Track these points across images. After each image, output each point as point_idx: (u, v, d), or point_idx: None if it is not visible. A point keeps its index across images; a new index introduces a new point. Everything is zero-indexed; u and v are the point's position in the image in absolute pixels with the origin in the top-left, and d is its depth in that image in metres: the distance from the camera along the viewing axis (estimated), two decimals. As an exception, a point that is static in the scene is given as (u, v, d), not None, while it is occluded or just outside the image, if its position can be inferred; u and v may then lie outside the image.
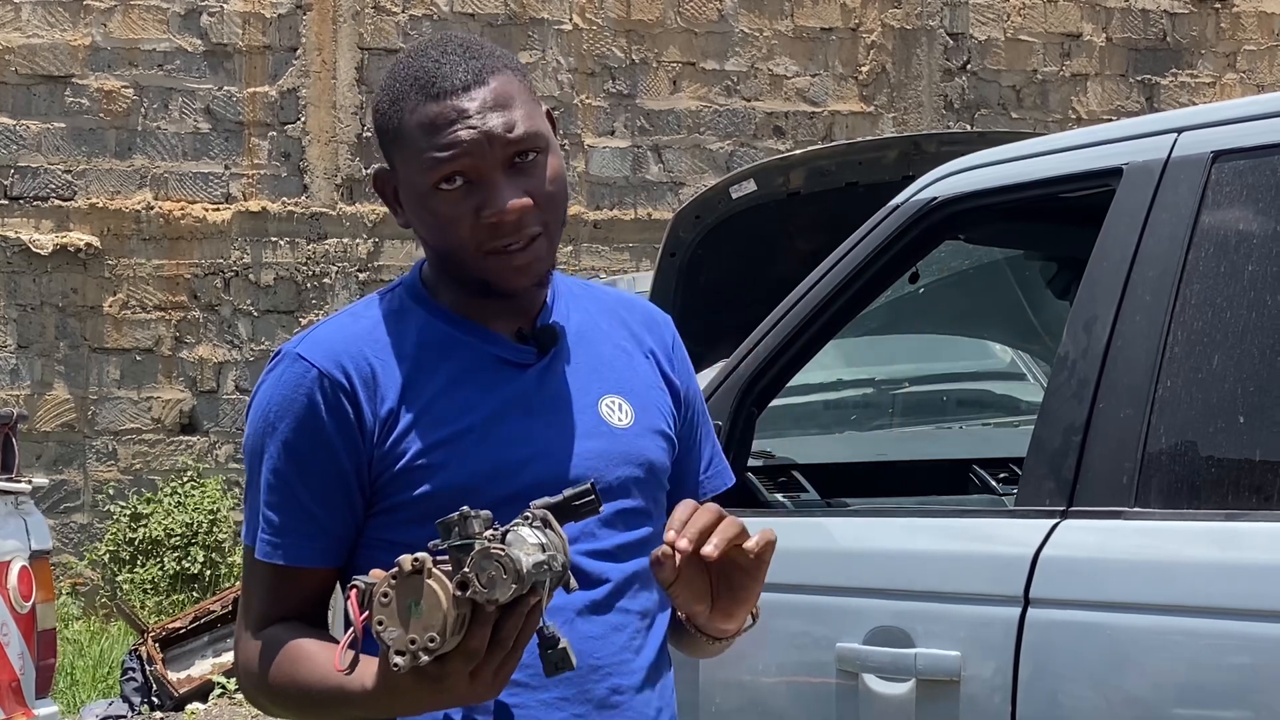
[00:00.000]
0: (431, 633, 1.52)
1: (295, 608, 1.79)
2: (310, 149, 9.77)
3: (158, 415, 9.55)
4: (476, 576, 1.51)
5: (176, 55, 9.62)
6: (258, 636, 1.78)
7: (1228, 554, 2.33)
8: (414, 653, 1.52)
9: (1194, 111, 2.66)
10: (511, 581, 1.52)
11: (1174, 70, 11.18)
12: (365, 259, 9.79)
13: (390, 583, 1.53)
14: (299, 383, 1.76)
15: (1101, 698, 2.40)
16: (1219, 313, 2.44)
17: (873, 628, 2.67)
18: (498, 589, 1.52)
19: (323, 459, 1.75)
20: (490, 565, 1.52)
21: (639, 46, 10.27)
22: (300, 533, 1.77)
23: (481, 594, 1.52)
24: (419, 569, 1.52)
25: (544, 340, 1.82)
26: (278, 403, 1.77)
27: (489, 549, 1.52)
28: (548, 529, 1.58)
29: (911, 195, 3.02)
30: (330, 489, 1.76)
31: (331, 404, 1.75)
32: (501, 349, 1.81)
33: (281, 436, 1.76)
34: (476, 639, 1.55)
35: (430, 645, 1.52)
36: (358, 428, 1.75)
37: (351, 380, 1.75)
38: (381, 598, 1.53)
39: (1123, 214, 2.61)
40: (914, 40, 10.72)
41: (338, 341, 1.78)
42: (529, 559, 1.53)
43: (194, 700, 7.65)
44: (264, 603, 1.79)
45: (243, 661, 1.81)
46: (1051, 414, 2.62)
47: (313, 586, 1.80)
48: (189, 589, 9.07)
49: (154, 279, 9.54)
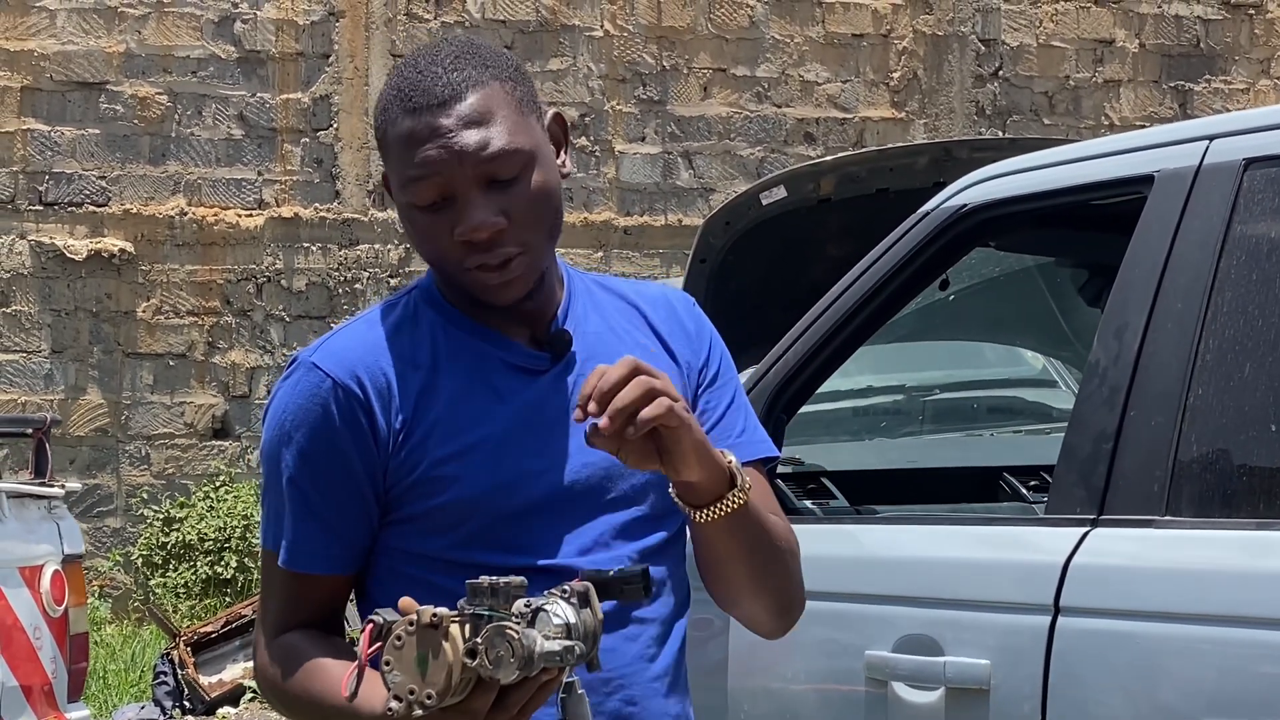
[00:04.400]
0: (431, 690, 1.52)
1: (311, 614, 1.80)
2: (342, 155, 9.81)
3: (190, 420, 9.59)
4: (485, 651, 1.51)
5: (210, 62, 9.67)
6: (275, 643, 1.79)
7: (1259, 563, 2.32)
8: (410, 703, 1.53)
9: (1226, 119, 2.65)
10: (517, 666, 1.51)
11: (1207, 76, 11.13)
12: (396, 264, 9.82)
13: (407, 629, 1.53)
14: (314, 393, 1.75)
15: (1132, 707, 2.40)
16: (1251, 320, 2.43)
17: (902, 636, 2.66)
18: (502, 669, 1.51)
19: (338, 469, 1.75)
20: (501, 644, 1.51)
21: (670, 53, 10.28)
22: (316, 540, 1.77)
23: (486, 670, 1.52)
24: (436, 624, 1.52)
25: (557, 346, 1.80)
26: (294, 412, 1.76)
27: (504, 628, 1.51)
28: (584, 608, 1.57)
29: (942, 202, 3.01)
30: (345, 498, 1.76)
31: (346, 414, 1.74)
32: (515, 356, 1.79)
33: (297, 446, 1.76)
34: (479, 702, 1.54)
35: (427, 701, 1.52)
36: (372, 438, 1.74)
37: (366, 391, 1.74)
38: (395, 640, 1.53)
39: (1154, 221, 2.60)
40: (945, 46, 10.70)
41: (353, 351, 1.77)
42: (545, 645, 1.52)
43: (225, 704, 7.67)
44: (281, 608, 1.80)
45: (260, 665, 1.81)
46: (1082, 422, 2.61)
47: (328, 593, 1.80)
48: (221, 593, 9.11)
49: (187, 284, 9.59)
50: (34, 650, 4.91)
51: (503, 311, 1.78)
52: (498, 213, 1.71)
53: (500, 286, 1.74)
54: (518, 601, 1.53)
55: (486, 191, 1.71)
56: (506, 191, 1.72)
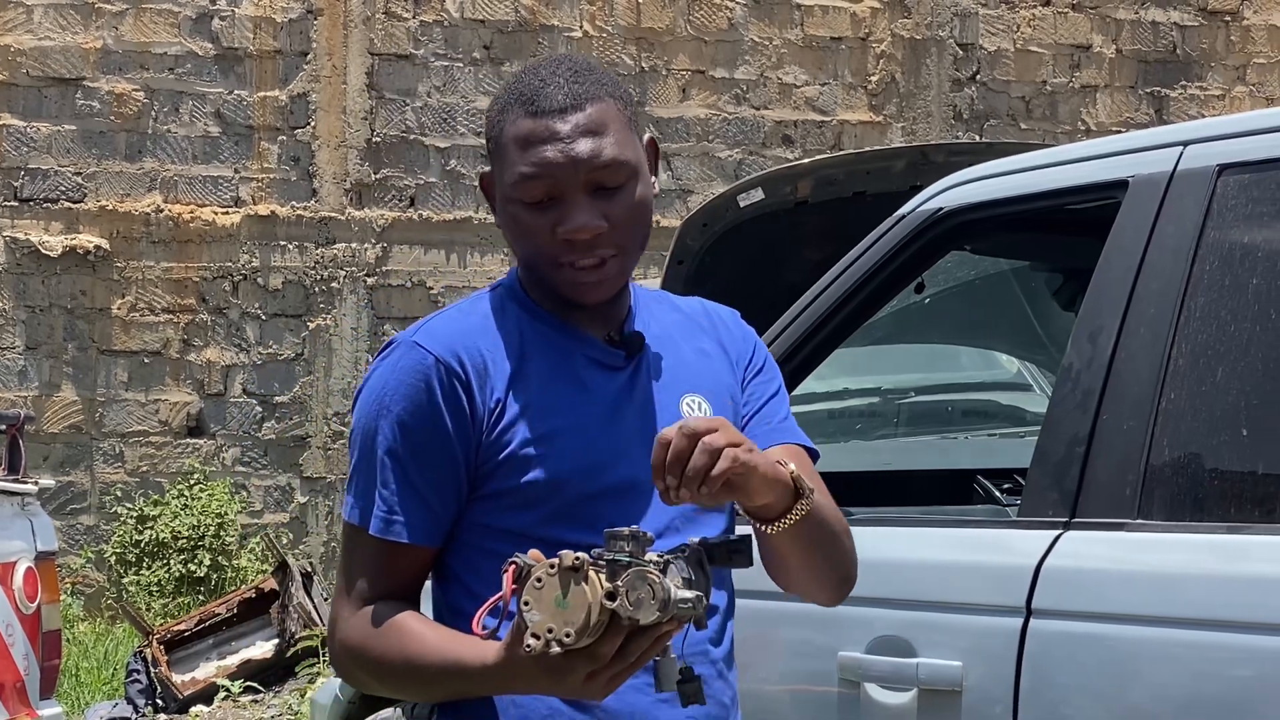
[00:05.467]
0: (569, 629, 1.61)
1: (397, 585, 1.87)
2: (320, 154, 9.79)
3: (165, 418, 9.57)
4: (626, 593, 1.61)
5: (187, 59, 9.64)
6: (362, 613, 1.86)
7: (1230, 567, 2.33)
8: (548, 640, 1.62)
9: (1200, 125, 2.67)
10: (657, 608, 1.61)
11: (1183, 83, 11.18)
12: (373, 264, 9.81)
13: (548, 570, 1.62)
14: (416, 368, 1.85)
15: (1103, 709, 2.41)
16: (1223, 326, 2.45)
17: (875, 637, 2.67)
18: (642, 610, 1.62)
19: (436, 442, 1.85)
20: (641, 587, 1.61)
21: (648, 54, 10.28)
22: (411, 511, 1.85)
23: (626, 610, 1.62)
24: (577, 567, 1.61)
25: (631, 345, 1.93)
26: (394, 387, 1.86)
27: (645, 572, 1.62)
28: (700, 568, 1.68)
29: (917, 205, 3.02)
30: (441, 471, 1.85)
31: (447, 390, 1.84)
32: (595, 351, 1.92)
33: (397, 419, 1.85)
34: (606, 646, 1.64)
35: (564, 639, 1.61)
36: (470, 414, 1.85)
37: (466, 369, 1.85)
38: (535, 581, 1.62)
39: (1128, 226, 2.61)
40: (924, 50, 10.73)
41: (453, 333, 1.88)
42: (678, 593, 1.63)
43: (198, 703, 7.65)
44: (369, 579, 1.87)
45: (343, 637, 1.88)
46: (1055, 425, 2.62)
47: (415, 565, 1.88)
48: (195, 591, 9.08)
49: (162, 282, 9.56)
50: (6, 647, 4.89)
51: (582, 311, 1.91)
52: (600, 217, 1.85)
53: (591, 286, 1.88)
54: (650, 551, 1.64)
55: (591, 196, 1.86)
56: (609, 199, 1.86)
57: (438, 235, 9.88)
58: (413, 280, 9.85)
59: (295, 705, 7.41)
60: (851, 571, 2.00)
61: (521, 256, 1.91)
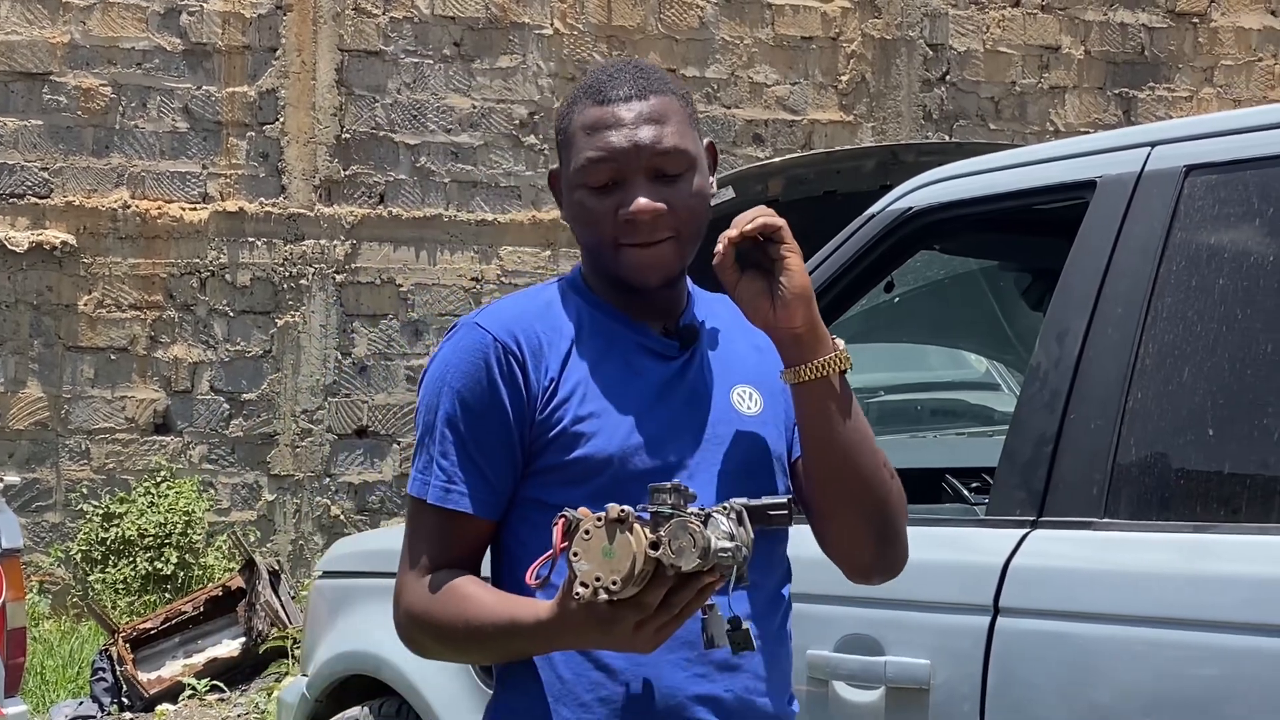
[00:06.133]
0: (616, 576, 1.70)
1: (458, 554, 1.97)
2: (289, 150, 9.76)
3: (131, 415, 9.52)
4: (669, 542, 1.70)
5: (155, 54, 9.59)
6: (423, 580, 1.96)
7: (1196, 566, 2.34)
8: (596, 588, 1.71)
9: (1167, 126, 2.68)
10: (697, 555, 1.70)
11: (1151, 84, 11.23)
12: (342, 261, 9.78)
13: (595, 522, 1.71)
14: (475, 347, 1.97)
15: (1069, 707, 2.42)
16: (1189, 326, 2.46)
17: (843, 635, 2.68)
18: (684, 558, 1.70)
19: (493, 417, 1.95)
20: (683, 536, 1.70)
21: (620, 52, 10.28)
22: (469, 483, 1.96)
23: (668, 558, 1.70)
24: (622, 519, 1.71)
25: (686, 337, 2.04)
26: (455, 364, 1.98)
27: (686, 522, 1.71)
28: (740, 525, 1.76)
29: (887, 205, 3.03)
30: (498, 445, 1.96)
31: (504, 368, 1.95)
32: (649, 340, 2.02)
33: (457, 395, 1.97)
34: (651, 595, 1.73)
35: (611, 587, 1.70)
36: (525, 392, 1.95)
37: (522, 349, 1.96)
38: (583, 534, 1.71)
39: (1096, 226, 2.62)
40: (894, 50, 10.75)
41: (512, 315, 1.99)
42: (719, 543, 1.71)
43: (164, 701, 7.62)
44: (431, 549, 1.97)
45: (406, 604, 1.98)
46: (1023, 424, 2.63)
47: (474, 535, 1.98)
48: (161, 589, 9.03)
49: (129, 278, 9.51)
50: (-30, 645, 4.85)
51: (642, 302, 2.01)
52: (660, 200, 1.95)
53: (648, 266, 1.97)
54: (691, 506, 1.74)
55: (652, 181, 1.96)
56: (670, 185, 1.97)
57: (407, 232, 9.86)
58: (382, 277, 9.83)
59: (262, 704, 7.38)
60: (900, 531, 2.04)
61: (585, 243, 2.01)
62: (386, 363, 9.82)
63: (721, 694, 1.97)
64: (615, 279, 2.01)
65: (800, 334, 1.94)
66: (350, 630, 3.84)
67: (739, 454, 2.01)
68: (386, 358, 9.82)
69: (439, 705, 3.48)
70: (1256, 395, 2.37)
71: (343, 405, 9.75)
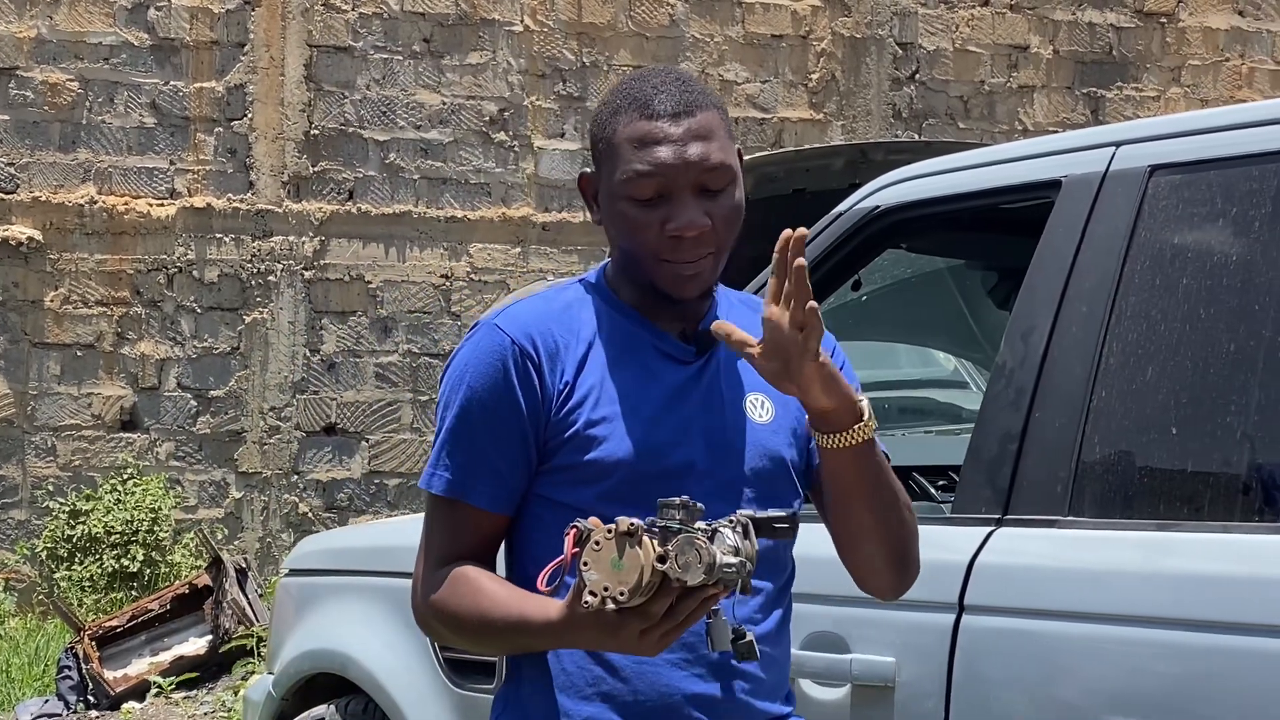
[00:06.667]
0: (624, 588, 1.76)
1: (472, 549, 2.03)
2: (257, 146, 9.72)
3: (98, 411, 9.47)
4: (676, 557, 1.76)
5: (123, 49, 9.54)
6: (440, 571, 2.02)
7: (1159, 563, 2.36)
8: (604, 598, 1.77)
9: (1132, 126, 2.69)
10: (702, 571, 1.76)
11: (1119, 84, 11.29)
12: (311, 257, 9.74)
13: (605, 534, 1.77)
14: (494, 349, 2.01)
15: (1033, 704, 2.43)
16: (1153, 325, 2.47)
17: (810, 633, 2.68)
18: (689, 573, 1.76)
19: (507, 416, 2.00)
20: (690, 551, 1.76)
21: (590, 49, 10.27)
22: (482, 479, 2.02)
23: (675, 572, 1.76)
24: (632, 533, 1.76)
25: (703, 342, 2.07)
26: (474, 364, 2.02)
27: (693, 538, 1.77)
28: (745, 538, 1.81)
29: (854, 203, 3.04)
30: (512, 443, 2.01)
31: (520, 369, 2.00)
32: (666, 345, 2.06)
33: (474, 394, 2.01)
34: (657, 605, 1.79)
35: (619, 597, 1.76)
36: (540, 393, 2.00)
37: (539, 351, 2.01)
38: (594, 544, 1.77)
39: (1061, 225, 2.63)
40: (863, 49, 10.77)
41: (531, 318, 2.04)
42: (723, 558, 1.77)
43: (130, 699, 7.58)
44: (446, 543, 2.03)
45: (424, 595, 2.04)
46: (988, 423, 2.64)
47: (488, 530, 2.04)
48: (127, 587, 8.99)
49: (96, 274, 9.46)
50: (-67, 643, 4.82)
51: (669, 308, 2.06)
52: (704, 215, 2.00)
53: (689, 280, 2.02)
54: (699, 521, 1.79)
55: (697, 197, 2.00)
56: (713, 200, 2.02)
57: (376, 229, 9.83)
58: (351, 274, 9.80)
59: (229, 702, 7.35)
60: (914, 554, 2.11)
61: (624, 250, 2.04)
62: (355, 360, 9.79)
63: (718, 694, 2.03)
64: (652, 288, 2.04)
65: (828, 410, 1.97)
66: (316, 628, 3.82)
67: (751, 461, 2.06)
68: (355, 355, 9.79)
69: (405, 704, 3.47)
70: (1219, 394, 2.38)
71: (311, 402, 9.72)
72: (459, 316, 9.89)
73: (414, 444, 9.84)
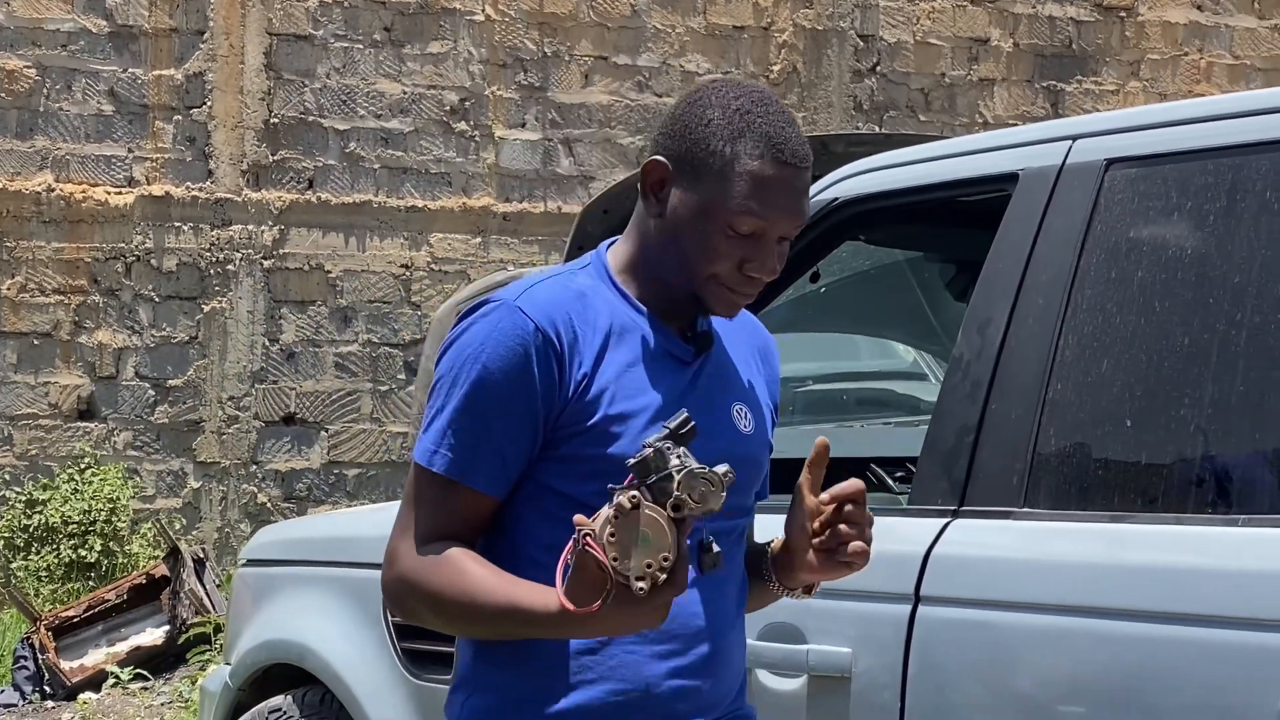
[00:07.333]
0: (665, 553, 1.74)
1: (460, 528, 1.99)
2: (216, 134, 9.66)
3: (55, 400, 9.40)
4: (689, 495, 1.74)
5: (81, 36, 9.47)
6: (426, 549, 1.98)
7: (1114, 555, 2.37)
8: (653, 575, 1.74)
9: (1089, 119, 2.71)
10: (720, 491, 1.76)
11: (1079, 77, 11.34)
12: (270, 246, 9.70)
13: (613, 522, 1.74)
14: (516, 331, 1.97)
15: (989, 695, 2.44)
16: (1109, 317, 2.49)
17: (766, 624, 2.69)
18: (711, 500, 1.75)
19: (522, 402, 1.96)
20: (699, 483, 1.75)
21: (551, 39, 10.25)
22: (487, 461, 1.97)
23: (697, 509, 1.75)
24: (636, 504, 1.74)
25: (702, 343, 2.09)
26: (493, 344, 1.97)
27: (691, 471, 1.76)
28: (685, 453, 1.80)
29: (813, 195, 3.04)
30: (522, 429, 1.97)
31: (542, 356, 1.96)
32: (670, 344, 2.06)
33: (491, 375, 1.96)
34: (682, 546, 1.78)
35: (664, 564, 1.74)
36: (558, 382, 1.97)
37: (561, 340, 1.98)
38: (609, 538, 1.74)
39: (1018, 218, 2.65)
40: (825, 41, 10.79)
41: (552, 303, 2.00)
42: (721, 469, 1.77)
43: (86, 690, 7.54)
44: (434, 518, 1.99)
45: (402, 568, 1.99)
46: (945, 414, 2.65)
47: (479, 511, 2.00)
48: (84, 577, 8.94)
49: (53, 262, 9.39)
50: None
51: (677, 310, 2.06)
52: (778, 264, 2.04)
53: (735, 307, 2.06)
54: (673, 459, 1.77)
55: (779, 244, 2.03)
56: (782, 248, 2.05)
57: (336, 218, 9.79)
58: (311, 263, 9.76)
59: (186, 693, 7.32)
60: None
61: (685, 261, 2.02)
62: (315, 349, 9.75)
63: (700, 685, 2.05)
64: (692, 298, 2.05)
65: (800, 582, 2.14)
66: (274, 619, 3.81)
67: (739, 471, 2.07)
68: (315, 344, 9.75)
69: (363, 694, 3.46)
70: (1174, 387, 2.40)
71: (270, 392, 9.68)
72: (419, 306, 9.86)
73: (373, 434, 9.81)
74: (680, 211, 2.02)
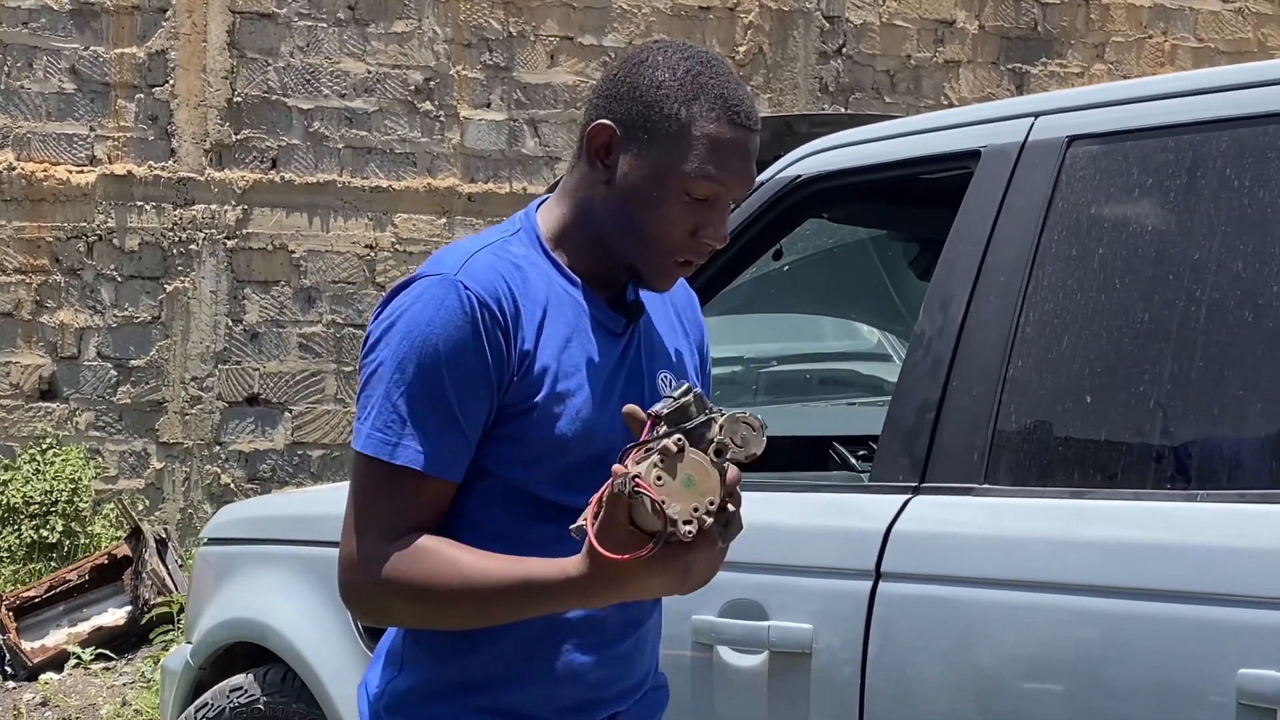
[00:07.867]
0: (711, 496, 1.71)
1: (424, 518, 1.90)
2: (179, 113, 9.59)
3: (16, 380, 9.34)
4: (731, 439, 1.71)
5: (42, 13, 9.38)
6: (397, 544, 1.87)
7: (1074, 531, 2.38)
8: (700, 518, 1.70)
9: (1050, 97, 2.71)
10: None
11: (1044, 59, 11.37)
12: (233, 226, 9.64)
13: (659, 465, 1.69)
14: (462, 308, 1.88)
15: (949, 670, 2.45)
16: (1069, 295, 2.49)
17: (728, 600, 2.69)
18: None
19: (475, 381, 1.88)
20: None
21: (516, 19, 10.21)
22: (449, 447, 1.89)
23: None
24: (682, 448, 1.70)
25: (633, 312, 2.02)
26: (442, 323, 1.87)
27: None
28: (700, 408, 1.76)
29: (775, 173, 3.04)
30: (480, 410, 1.89)
31: (489, 332, 1.88)
32: (602, 314, 2.00)
33: (439, 353, 1.87)
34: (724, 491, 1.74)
35: (710, 507, 1.71)
36: (505, 357, 1.89)
37: (505, 315, 1.90)
38: (656, 481, 1.69)
39: (980, 196, 2.65)
40: (791, 22, 10.78)
41: (493, 275, 1.91)
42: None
43: (48, 670, 7.50)
44: (396, 510, 1.88)
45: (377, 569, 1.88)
46: (906, 392, 2.65)
47: (442, 499, 1.92)
48: (46, 558, 8.88)
49: (14, 241, 9.32)
50: None
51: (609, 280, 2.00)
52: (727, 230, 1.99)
53: (672, 280, 2.01)
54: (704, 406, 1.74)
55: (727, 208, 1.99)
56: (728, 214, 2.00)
57: (300, 198, 9.74)
58: (274, 243, 9.71)
59: (148, 673, 7.29)
60: None
61: (630, 228, 1.95)
62: (278, 330, 9.71)
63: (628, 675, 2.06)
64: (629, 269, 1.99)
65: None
66: (235, 597, 3.80)
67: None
68: (279, 325, 9.71)
69: (324, 673, 3.45)
70: (1133, 364, 2.41)
71: (233, 373, 9.63)
72: (384, 287, 9.82)
73: (338, 415, 9.78)
74: (631, 177, 1.95)
